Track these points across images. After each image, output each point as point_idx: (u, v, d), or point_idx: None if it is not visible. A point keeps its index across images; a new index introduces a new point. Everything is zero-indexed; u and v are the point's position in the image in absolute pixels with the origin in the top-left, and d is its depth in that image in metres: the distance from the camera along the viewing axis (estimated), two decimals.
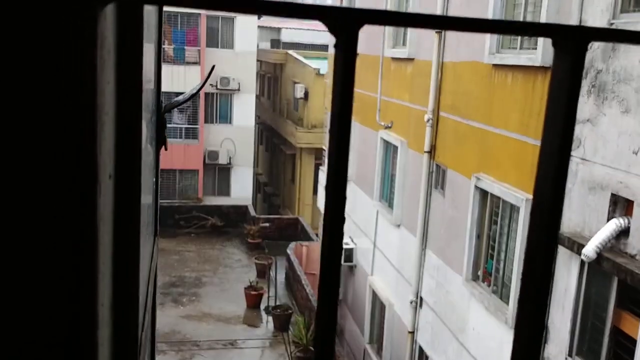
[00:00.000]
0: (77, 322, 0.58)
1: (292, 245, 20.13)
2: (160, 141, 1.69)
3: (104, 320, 0.74)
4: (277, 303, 17.60)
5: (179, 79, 25.03)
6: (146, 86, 1.57)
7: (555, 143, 0.56)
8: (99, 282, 0.61)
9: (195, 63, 25.71)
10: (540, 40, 7.52)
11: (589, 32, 0.56)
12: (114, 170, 0.76)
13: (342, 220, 0.54)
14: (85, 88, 0.54)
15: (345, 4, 15.92)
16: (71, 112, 0.54)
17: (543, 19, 7.48)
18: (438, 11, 10.31)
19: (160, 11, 1.82)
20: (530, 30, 0.62)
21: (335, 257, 0.54)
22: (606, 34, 0.61)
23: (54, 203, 0.55)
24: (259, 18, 27.81)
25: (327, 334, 0.53)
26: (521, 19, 8.29)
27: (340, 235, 0.54)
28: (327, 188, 0.54)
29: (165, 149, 1.75)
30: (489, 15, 8.74)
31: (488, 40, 8.78)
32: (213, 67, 3.47)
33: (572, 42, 0.55)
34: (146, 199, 1.31)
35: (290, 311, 16.92)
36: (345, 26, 0.51)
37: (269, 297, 17.87)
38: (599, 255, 6.22)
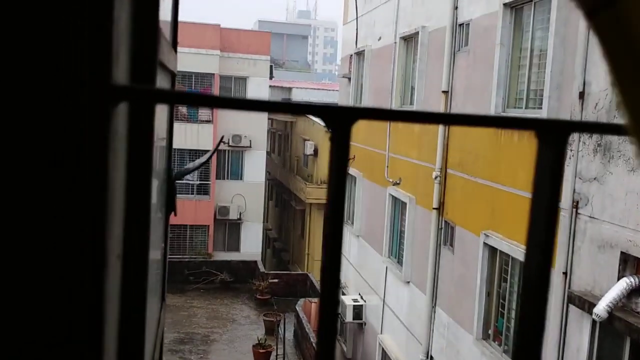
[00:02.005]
0: None
1: (301, 301, 19.92)
2: (170, 208, 1.74)
3: None
4: None
5: (192, 137, 25.41)
6: (158, 153, 1.62)
7: (540, 232, 0.59)
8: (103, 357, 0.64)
9: (208, 121, 26.13)
10: (546, 99, 7.64)
11: (570, 125, 0.61)
12: (122, 250, 0.80)
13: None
14: (97, 180, 0.58)
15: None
16: (83, 201, 0.58)
17: (547, 80, 7.61)
18: (444, 76, 10.50)
19: (174, 77, 1.90)
20: (514, 124, 0.66)
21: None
22: (586, 127, 0.65)
23: (62, 286, 0.59)
24: (270, 78, 28.38)
25: None
26: (525, 80, 8.43)
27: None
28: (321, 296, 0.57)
29: (175, 215, 1.80)
30: (495, 77, 8.90)
31: (494, 99, 8.92)
32: (222, 137, 3.56)
33: (553, 134, 0.59)
34: (153, 267, 1.35)
35: None
36: (340, 122, 0.56)
37: (277, 355, 17.57)
38: (610, 314, 6.14)
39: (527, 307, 0.62)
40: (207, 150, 25.45)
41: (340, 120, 0.56)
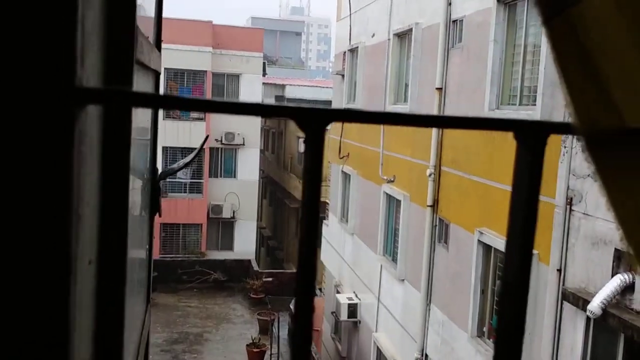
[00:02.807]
0: None
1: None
2: (154, 208, 1.72)
3: None
4: None
5: (184, 135, 25.34)
6: (141, 153, 1.60)
7: (518, 235, 0.58)
8: None
9: (200, 119, 26.07)
10: (540, 95, 7.64)
11: (548, 126, 0.59)
12: (97, 255, 0.78)
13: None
14: (59, 184, 0.56)
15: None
16: (44, 206, 0.56)
17: (541, 77, 7.61)
18: (438, 73, 10.49)
19: (158, 76, 1.87)
20: (492, 125, 0.65)
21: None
22: (564, 128, 0.64)
23: (26, 292, 0.56)
24: (263, 75, 28.33)
25: None
26: (519, 77, 8.43)
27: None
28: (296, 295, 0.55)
29: (160, 216, 1.77)
30: (488, 73, 8.89)
31: (488, 95, 8.91)
32: (207, 137, 3.54)
33: (531, 136, 0.58)
34: (135, 269, 1.32)
35: None
36: (313, 124, 0.54)
37: (271, 354, 17.56)
38: (605, 311, 6.14)
39: (506, 308, 0.60)
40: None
41: (313, 122, 0.54)
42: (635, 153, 0.52)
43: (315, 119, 0.55)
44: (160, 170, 1.88)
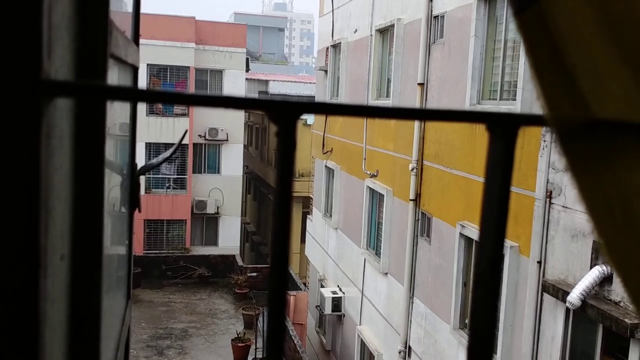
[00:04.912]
0: None
1: None
2: (133, 203, 1.71)
3: None
4: (265, 355, 17.27)
5: (167, 131, 25.20)
6: (120, 147, 1.59)
7: (491, 224, 0.58)
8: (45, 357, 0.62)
9: (183, 115, 25.92)
10: (520, 90, 7.70)
11: (520, 118, 0.60)
12: (70, 249, 0.77)
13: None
14: (26, 176, 0.56)
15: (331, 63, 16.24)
16: (11, 199, 0.55)
17: (521, 72, 7.67)
18: (420, 69, 10.52)
19: (136, 71, 1.86)
20: (465, 117, 0.65)
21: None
22: (536, 120, 0.65)
23: None
24: (246, 71, 28.23)
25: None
26: (500, 72, 8.49)
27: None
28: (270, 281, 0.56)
29: (139, 211, 1.77)
30: (469, 68, 8.94)
31: (469, 90, 8.96)
32: (186, 131, 3.53)
33: (503, 127, 0.59)
34: (113, 263, 1.31)
35: None
36: (284, 117, 0.55)
37: (256, 348, 17.57)
38: (584, 302, 6.22)
39: (478, 300, 0.61)
40: (184, 145, 25.27)
41: (284, 114, 0.55)
42: (602, 145, 0.53)
43: (286, 111, 0.56)
44: (140, 166, 1.87)
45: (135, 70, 1.69)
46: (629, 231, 0.53)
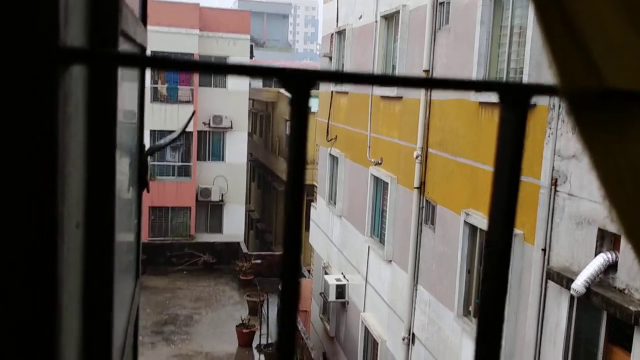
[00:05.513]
0: None
1: None
2: (142, 183, 1.72)
3: None
4: (270, 341, 17.40)
5: (172, 118, 25.19)
6: (128, 129, 1.60)
7: (502, 197, 0.59)
8: (61, 334, 0.63)
9: (188, 102, 25.90)
10: (526, 76, 7.67)
11: (531, 88, 0.60)
12: (84, 218, 0.78)
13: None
14: (43, 144, 0.56)
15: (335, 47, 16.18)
16: (28, 167, 0.56)
17: (527, 58, 7.63)
18: (425, 55, 10.48)
19: (144, 51, 1.86)
20: (479, 86, 0.66)
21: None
22: (547, 90, 0.65)
23: (13, 249, 0.57)
24: (251, 58, 28.15)
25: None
26: (506, 58, 8.45)
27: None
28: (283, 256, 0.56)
29: (148, 191, 1.78)
30: (475, 55, 8.90)
31: (475, 77, 8.92)
32: (194, 112, 3.52)
33: (515, 97, 0.59)
34: (123, 242, 1.32)
35: None
36: (298, 85, 0.55)
37: (260, 334, 17.67)
38: (588, 289, 6.23)
39: (489, 276, 0.62)
40: (188, 132, 25.27)
41: (298, 82, 0.55)
42: (613, 114, 0.54)
43: (300, 79, 0.56)
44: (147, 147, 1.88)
45: (143, 50, 1.70)
46: (639, 199, 0.53)
